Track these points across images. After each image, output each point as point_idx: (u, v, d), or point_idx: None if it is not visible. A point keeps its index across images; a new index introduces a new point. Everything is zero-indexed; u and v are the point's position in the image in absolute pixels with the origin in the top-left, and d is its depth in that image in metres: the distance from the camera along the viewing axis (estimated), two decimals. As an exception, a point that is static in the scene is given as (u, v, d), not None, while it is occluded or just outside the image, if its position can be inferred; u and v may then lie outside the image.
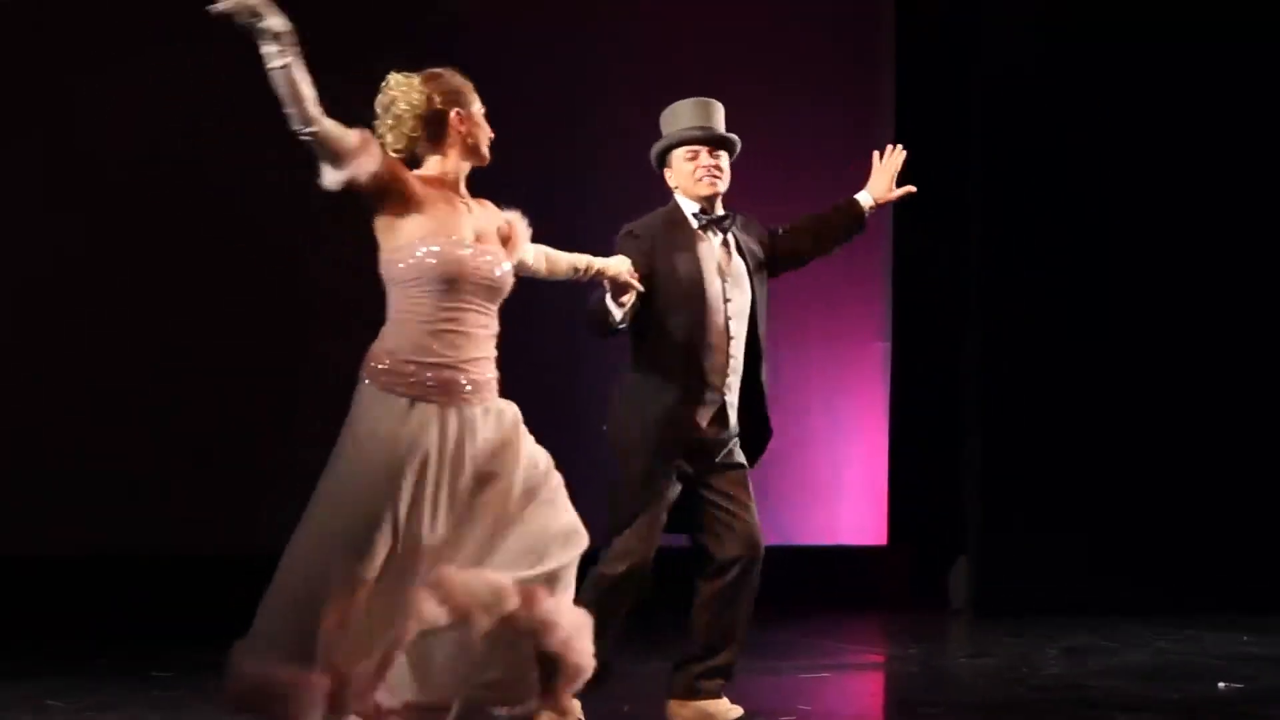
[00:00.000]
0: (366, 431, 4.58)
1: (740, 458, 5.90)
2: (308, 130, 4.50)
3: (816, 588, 9.07)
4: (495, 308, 4.75)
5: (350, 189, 4.59)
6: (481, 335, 4.71)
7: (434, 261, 4.63)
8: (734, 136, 5.91)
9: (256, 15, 4.38)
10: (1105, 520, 9.46)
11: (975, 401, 9.46)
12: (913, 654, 8.08)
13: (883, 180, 6.12)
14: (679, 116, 5.88)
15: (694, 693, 5.81)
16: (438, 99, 4.78)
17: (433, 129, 4.80)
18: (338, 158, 4.55)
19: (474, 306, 4.69)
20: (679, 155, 5.86)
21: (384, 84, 4.79)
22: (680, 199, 5.89)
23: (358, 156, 4.56)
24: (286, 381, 8.34)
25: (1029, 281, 9.38)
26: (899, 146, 6.16)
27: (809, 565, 8.92)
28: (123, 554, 8.04)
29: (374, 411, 4.59)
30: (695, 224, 5.84)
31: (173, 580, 8.04)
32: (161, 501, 8.14)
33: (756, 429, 5.93)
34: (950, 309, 9.67)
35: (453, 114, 4.80)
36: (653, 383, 5.72)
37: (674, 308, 5.73)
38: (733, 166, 5.89)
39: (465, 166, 4.84)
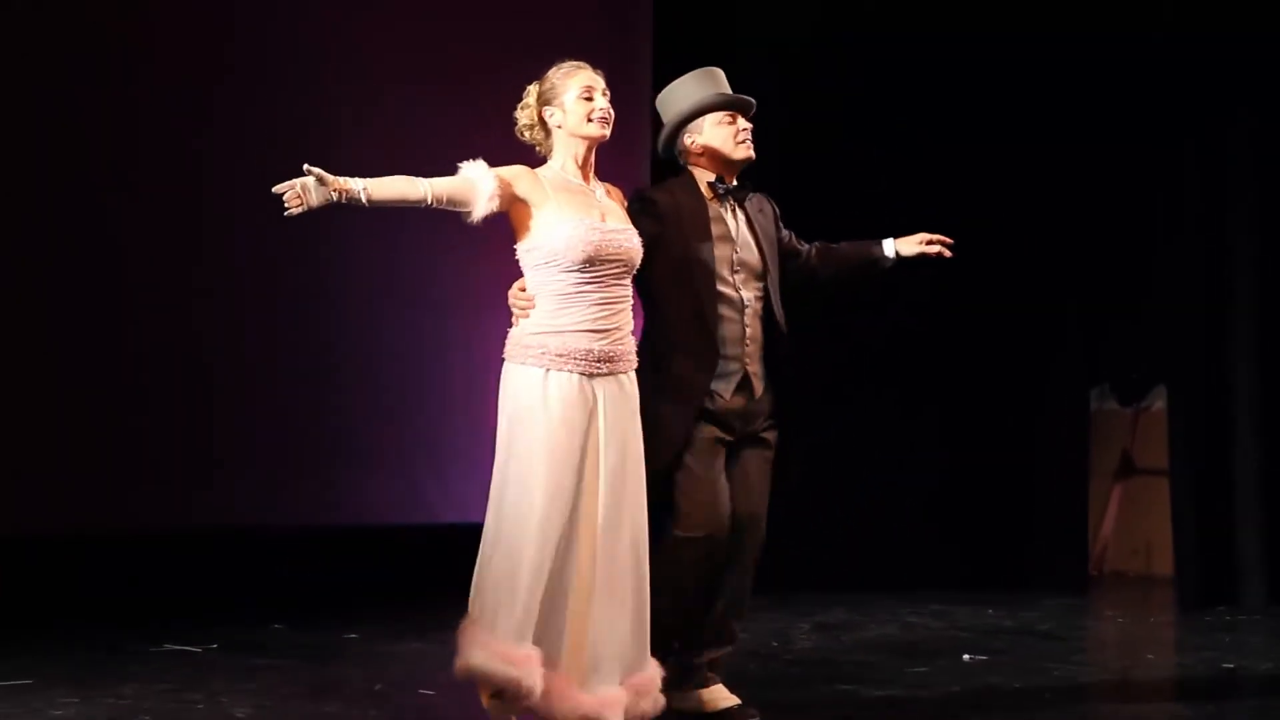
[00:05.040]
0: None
1: (768, 435, 5.78)
2: (428, 206, 4.96)
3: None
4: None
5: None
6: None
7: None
8: (754, 101, 5.90)
9: (335, 193, 4.87)
10: (860, 500, 9.79)
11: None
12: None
13: (913, 242, 6.02)
14: (699, 85, 5.80)
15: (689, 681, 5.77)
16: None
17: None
18: (465, 204, 5.05)
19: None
20: (713, 120, 5.79)
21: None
22: (696, 170, 5.84)
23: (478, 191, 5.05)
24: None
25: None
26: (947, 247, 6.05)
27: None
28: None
29: None
30: (710, 193, 5.80)
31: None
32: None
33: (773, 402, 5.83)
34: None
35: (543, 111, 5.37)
36: (664, 350, 5.64)
37: (684, 275, 5.63)
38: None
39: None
